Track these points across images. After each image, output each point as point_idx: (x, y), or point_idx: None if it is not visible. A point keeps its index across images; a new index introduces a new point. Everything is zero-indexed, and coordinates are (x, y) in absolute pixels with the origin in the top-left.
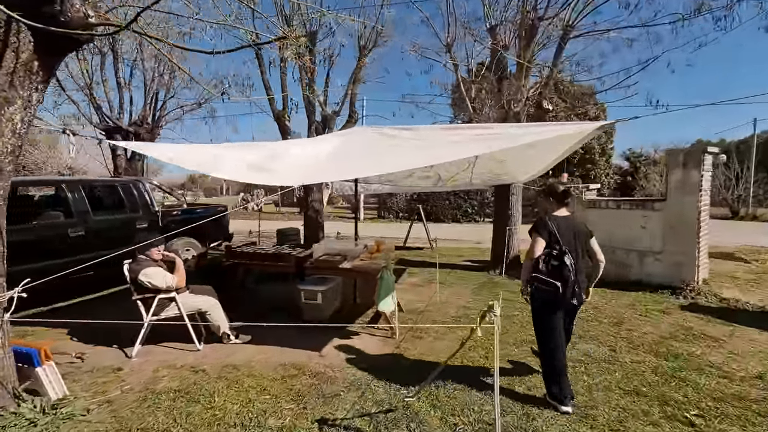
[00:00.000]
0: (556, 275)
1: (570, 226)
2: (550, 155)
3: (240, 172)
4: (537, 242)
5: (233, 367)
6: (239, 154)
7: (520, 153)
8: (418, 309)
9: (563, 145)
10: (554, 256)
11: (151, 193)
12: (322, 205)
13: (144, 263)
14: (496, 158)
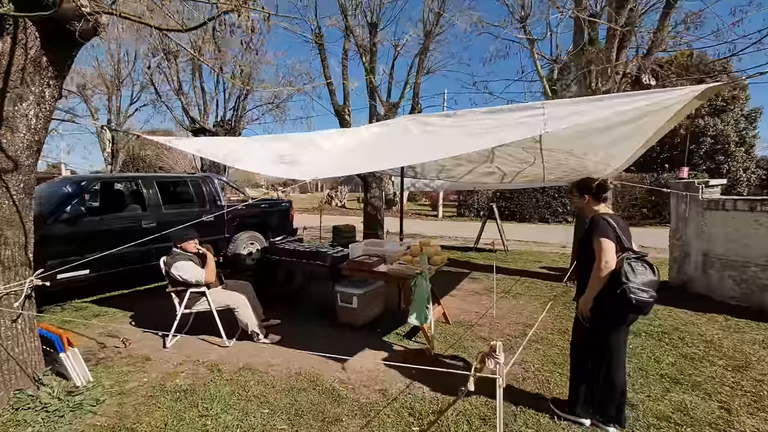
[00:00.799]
0: (649, 281)
1: (623, 225)
2: (634, 140)
3: (265, 164)
4: (609, 247)
5: (250, 369)
6: (270, 145)
7: (589, 140)
8: (468, 322)
9: (648, 125)
10: (637, 259)
11: (219, 189)
12: (382, 201)
13: (178, 257)
14: (563, 149)
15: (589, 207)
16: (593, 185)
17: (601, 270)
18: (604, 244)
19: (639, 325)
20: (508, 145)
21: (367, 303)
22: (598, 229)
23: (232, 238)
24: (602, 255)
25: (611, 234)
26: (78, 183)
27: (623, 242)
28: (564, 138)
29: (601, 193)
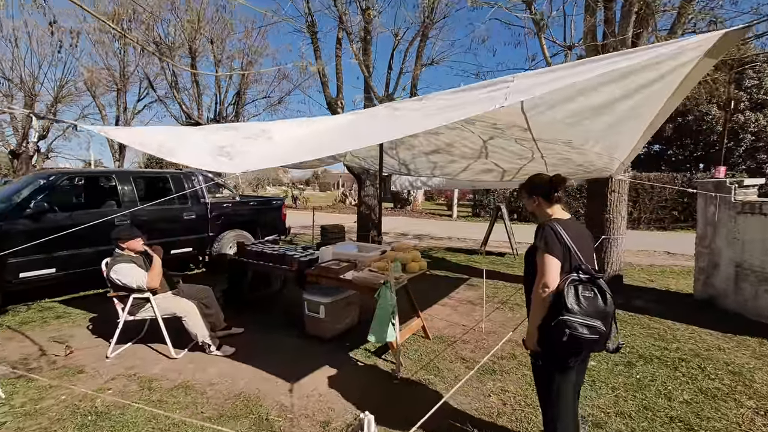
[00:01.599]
0: (595, 311)
1: (582, 233)
2: (634, 123)
3: (201, 156)
4: (550, 264)
5: (186, 388)
6: (212, 136)
7: (584, 126)
8: (451, 338)
9: (649, 101)
10: (584, 282)
11: (203, 186)
12: (376, 200)
13: (119, 259)
14: (557, 139)
15: (541, 210)
16: (543, 183)
17: (538, 293)
18: (545, 260)
19: (652, 348)
20: (499, 137)
21: (336, 313)
22: (541, 240)
23: (217, 237)
24: (541, 274)
25: (557, 247)
26: (46, 178)
27: (574, 258)
28: (553, 124)
29: (553, 193)
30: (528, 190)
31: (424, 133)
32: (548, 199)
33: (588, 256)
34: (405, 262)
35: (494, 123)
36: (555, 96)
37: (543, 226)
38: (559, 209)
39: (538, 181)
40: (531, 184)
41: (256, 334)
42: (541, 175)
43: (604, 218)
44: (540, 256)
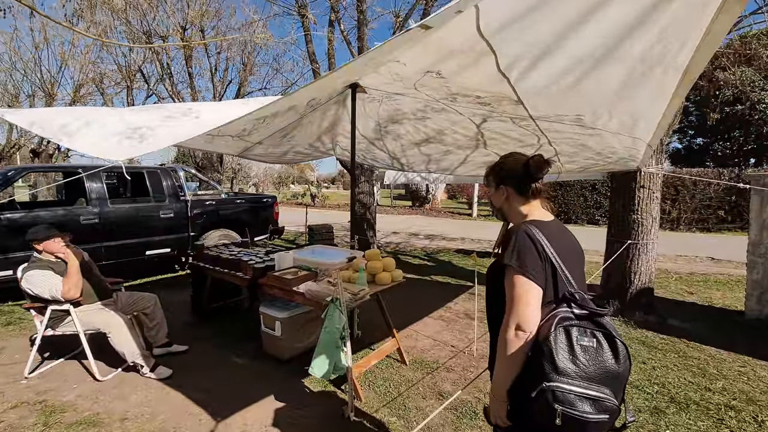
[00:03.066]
0: (601, 372)
1: (571, 243)
2: (650, 86)
3: (103, 141)
4: (525, 293)
5: (88, 425)
6: (129, 117)
7: (583, 92)
8: (432, 363)
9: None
10: (580, 322)
11: (183, 182)
12: (372, 197)
13: (33, 264)
14: (561, 114)
15: (512, 207)
16: (516, 166)
17: (507, 340)
18: (518, 286)
19: (688, 388)
20: (492, 118)
21: (294, 330)
22: (513, 253)
23: (200, 237)
24: (512, 308)
25: (537, 265)
26: (3, 173)
27: (561, 281)
28: (546, 90)
29: (529, 182)
30: (495, 177)
31: (409, 118)
32: (523, 192)
33: (579, 279)
34: (374, 272)
35: (477, 95)
36: (531, 36)
37: (515, 232)
38: (539, 207)
39: (510, 164)
40: (499, 169)
41: (205, 352)
42: (516, 155)
43: (631, 219)
44: (510, 279)
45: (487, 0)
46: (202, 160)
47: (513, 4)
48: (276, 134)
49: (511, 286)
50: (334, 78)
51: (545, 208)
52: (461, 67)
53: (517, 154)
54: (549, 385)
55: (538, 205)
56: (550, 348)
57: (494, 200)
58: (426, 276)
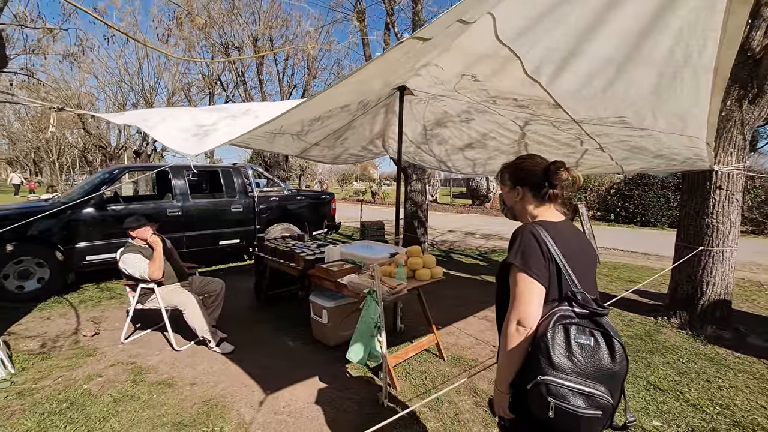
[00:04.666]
0: (596, 370)
1: (581, 245)
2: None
3: (174, 137)
4: (527, 289)
5: (167, 385)
6: (199, 116)
7: (618, 88)
8: (471, 361)
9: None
10: (580, 321)
11: (251, 179)
12: (424, 196)
13: (127, 249)
14: (602, 117)
15: (523, 208)
16: (535, 169)
17: (508, 335)
18: (520, 283)
19: (757, 413)
20: (534, 122)
21: (339, 319)
22: (517, 252)
23: (265, 230)
24: (515, 304)
25: (540, 263)
26: (110, 172)
27: (565, 281)
28: (579, 93)
29: (548, 187)
30: (512, 177)
31: (454, 120)
32: (538, 195)
33: (587, 281)
34: (414, 268)
35: (514, 98)
36: (549, 41)
37: (521, 232)
38: (551, 209)
39: (529, 165)
40: (518, 169)
41: (264, 333)
42: (536, 158)
43: (704, 223)
44: (514, 277)
45: (501, 7)
46: (270, 159)
47: (526, 10)
48: (330, 136)
49: (514, 284)
50: (368, 78)
51: (556, 210)
52: (493, 71)
53: (538, 157)
54: (543, 378)
55: (551, 208)
56: (546, 344)
57: (507, 198)
58: (476, 275)
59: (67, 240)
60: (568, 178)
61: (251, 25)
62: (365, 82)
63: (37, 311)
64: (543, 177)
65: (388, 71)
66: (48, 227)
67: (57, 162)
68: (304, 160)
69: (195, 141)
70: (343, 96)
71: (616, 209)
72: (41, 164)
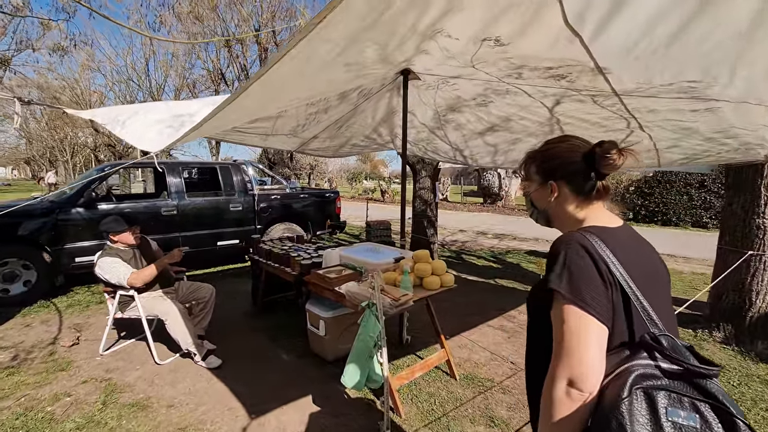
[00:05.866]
0: None
1: (650, 258)
2: None
3: (146, 131)
4: (582, 332)
5: (140, 408)
6: (176, 106)
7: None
8: (487, 380)
9: None
10: (671, 383)
11: (251, 177)
12: (433, 193)
13: (105, 252)
14: (657, 87)
15: (562, 210)
16: (573, 154)
17: (554, 400)
18: (570, 323)
19: None
20: (568, 97)
21: (339, 330)
22: (562, 272)
23: (266, 230)
24: (562, 353)
25: (599, 291)
26: (101, 170)
27: (637, 315)
28: (636, 54)
29: (593, 177)
30: (541, 168)
31: (469, 104)
32: (582, 190)
33: (666, 315)
34: (422, 275)
35: (547, 66)
36: None
37: (565, 244)
38: (602, 209)
39: (563, 152)
40: (548, 157)
41: (257, 343)
42: (571, 140)
43: (755, 225)
44: (559, 311)
45: None
46: (274, 156)
47: None
48: (330, 127)
49: (560, 322)
50: (352, 39)
51: (609, 211)
52: (522, 26)
53: (575, 138)
54: None
55: (601, 207)
56: (621, 421)
57: (536, 199)
58: (490, 279)
59: (56, 241)
60: (623, 163)
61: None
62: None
63: (19, 317)
64: (586, 165)
65: (383, 32)
66: (35, 227)
67: (71, 161)
68: (313, 158)
69: (169, 134)
70: (320, 82)
71: (635, 207)
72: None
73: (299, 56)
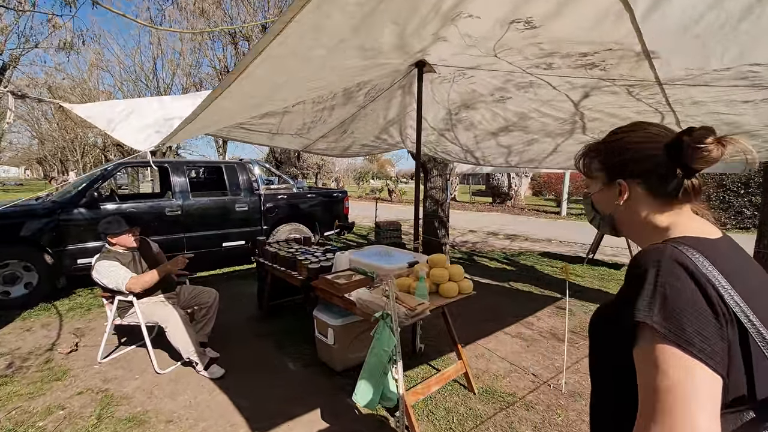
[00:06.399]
0: None
1: (757, 271)
2: None
3: (133, 134)
4: (690, 387)
5: (137, 423)
6: (170, 104)
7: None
8: (508, 395)
9: None
10: None
11: (258, 176)
12: (445, 193)
13: (102, 255)
14: (711, 74)
15: (637, 216)
16: (650, 146)
17: None
18: (671, 373)
19: None
20: (598, 89)
21: (348, 339)
22: (654, 300)
23: (272, 231)
24: (659, 413)
25: (710, 328)
26: (104, 168)
27: (761, 359)
28: (696, 32)
29: (687, 174)
30: (608, 163)
31: (486, 100)
32: (664, 191)
33: None
34: (438, 281)
35: (582, 52)
36: None
37: (654, 260)
38: (690, 216)
39: (638, 141)
40: (618, 150)
41: (262, 351)
42: (647, 128)
43: None
44: (652, 353)
45: None
46: (281, 155)
47: None
48: (336, 129)
49: (654, 368)
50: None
51: (704, 218)
52: (559, 4)
53: (651, 125)
54: None
55: (690, 212)
56: None
57: (598, 202)
58: (504, 282)
59: (57, 242)
60: (722, 154)
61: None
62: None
63: (19, 320)
64: (670, 158)
65: (404, 7)
66: (36, 228)
67: (81, 161)
68: (320, 158)
69: (158, 136)
70: (338, 65)
71: None
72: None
73: (308, 23)
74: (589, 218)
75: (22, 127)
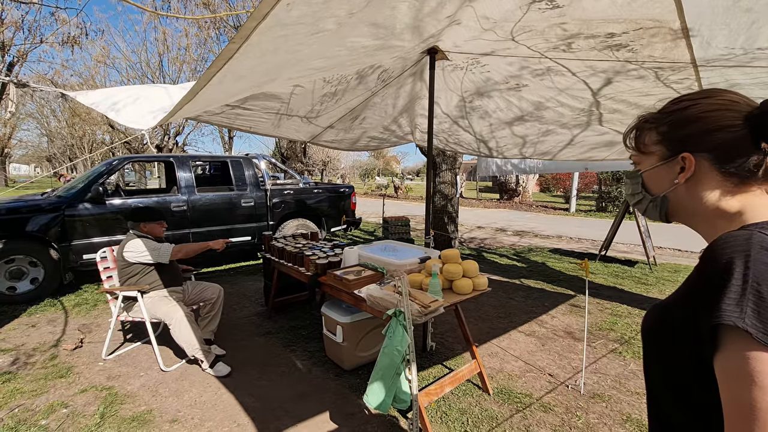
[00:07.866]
0: None
1: None
2: None
3: (139, 115)
4: None
5: (141, 422)
6: (178, 92)
7: None
8: (524, 395)
9: None
10: None
11: (264, 171)
12: (454, 188)
13: (132, 235)
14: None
15: (696, 199)
16: (730, 115)
17: None
18: None
19: None
20: (623, 75)
21: (357, 337)
22: (745, 298)
23: (279, 226)
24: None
25: None
26: (109, 163)
27: None
28: (737, 8)
29: (760, 150)
30: (670, 134)
31: (500, 88)
32: (737, 169)
33: None
34: (451, 277)
35: (610, 32)
36: None
37: (740, 249)
38: (766, 198)
39: (711, 108)
40: (684, 120)
41: (268, 348)
42: (723, 95)
43: None
44: (742, 360)
45: None
46: (287, 150)
47: None
48: (346, 117)
49: (749, 380)
50: None
51: None
52: None
53: (726, 92)
54: None
55: (764, 194)
56: None
57: (654, 180)
58: (515, 279)
59: (63, 237)
60: None
61: None
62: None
63: (25, 316)
64: (754, 130)
65: None
66: (41, 223)
67: (89, 158)
68: (326, 154)
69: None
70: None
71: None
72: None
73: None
74: (633, 201)
75: (32, 125)
